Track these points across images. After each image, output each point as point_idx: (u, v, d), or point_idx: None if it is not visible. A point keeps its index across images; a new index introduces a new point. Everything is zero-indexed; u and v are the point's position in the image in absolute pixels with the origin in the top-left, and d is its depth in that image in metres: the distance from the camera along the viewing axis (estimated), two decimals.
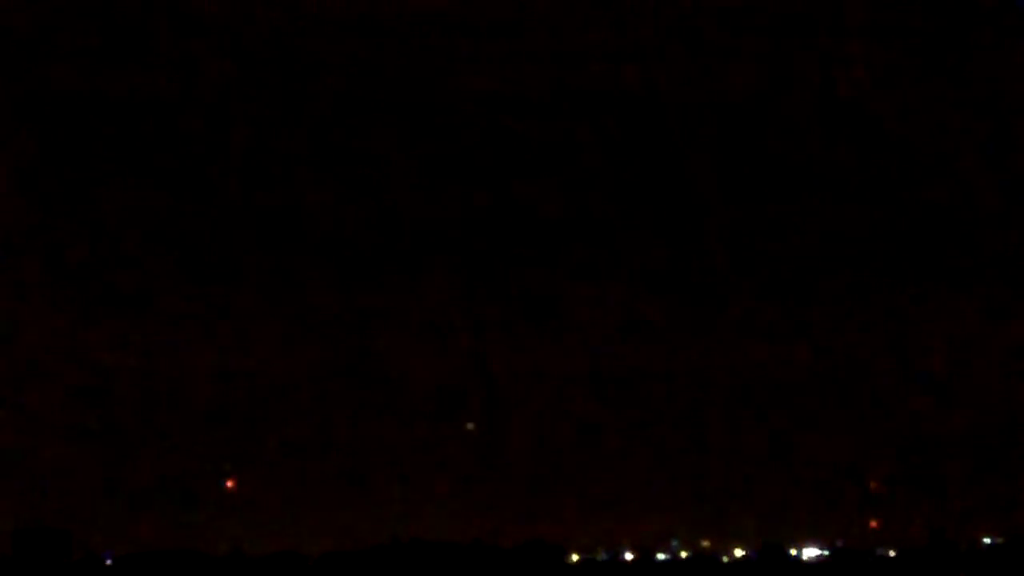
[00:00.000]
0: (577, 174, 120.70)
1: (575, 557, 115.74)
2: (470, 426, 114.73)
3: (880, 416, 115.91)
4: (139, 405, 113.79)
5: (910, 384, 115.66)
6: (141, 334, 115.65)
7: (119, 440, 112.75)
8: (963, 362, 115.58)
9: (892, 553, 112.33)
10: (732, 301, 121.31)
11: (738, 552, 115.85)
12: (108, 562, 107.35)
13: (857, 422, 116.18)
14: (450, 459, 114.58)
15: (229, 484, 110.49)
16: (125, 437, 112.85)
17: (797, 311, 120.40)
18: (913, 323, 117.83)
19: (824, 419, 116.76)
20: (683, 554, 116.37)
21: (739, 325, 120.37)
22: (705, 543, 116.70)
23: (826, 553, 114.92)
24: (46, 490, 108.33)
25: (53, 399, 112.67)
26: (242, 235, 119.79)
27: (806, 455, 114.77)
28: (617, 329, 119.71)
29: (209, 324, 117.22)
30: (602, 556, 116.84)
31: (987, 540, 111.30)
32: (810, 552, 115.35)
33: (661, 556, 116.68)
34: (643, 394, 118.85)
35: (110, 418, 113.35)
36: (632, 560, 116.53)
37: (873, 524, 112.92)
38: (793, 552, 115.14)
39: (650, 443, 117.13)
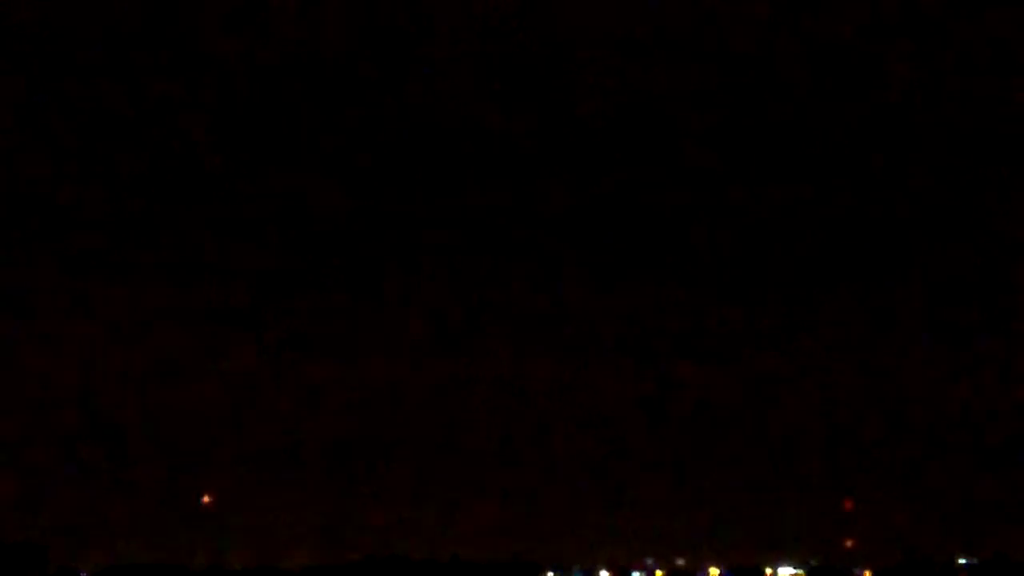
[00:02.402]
0: None
1: (550, 574, 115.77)
2: None
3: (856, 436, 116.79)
4: (117, 419, 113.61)
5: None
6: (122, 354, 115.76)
7: (98, 456, 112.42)
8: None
9: (867, 572, 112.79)
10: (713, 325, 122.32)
11: (713, 571, 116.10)
12: None
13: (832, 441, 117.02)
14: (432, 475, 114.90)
15: (206, 499, 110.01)
16: (103, 453, 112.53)
17: (775, 334, 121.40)
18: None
19: (799, 439, 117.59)
20: (658, 572, 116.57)
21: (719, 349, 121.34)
22: (680, 561, 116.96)
23: (801, 572, 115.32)
24: (21, 505, 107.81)
25: (30, 417, 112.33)
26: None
27: (782, 475, 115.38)
28: (603, 349, 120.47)
29: (187, 338, 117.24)
30: (577, 573, 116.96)
31: (962, 560, 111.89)
32: (785, 571, 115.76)
33: (636, 574, 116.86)
34: (620, 413, 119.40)
35: (87, 435, 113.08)
36: None
37: (848, 543, 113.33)
38: (768, 571, 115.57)
39: (626, 463, 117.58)
